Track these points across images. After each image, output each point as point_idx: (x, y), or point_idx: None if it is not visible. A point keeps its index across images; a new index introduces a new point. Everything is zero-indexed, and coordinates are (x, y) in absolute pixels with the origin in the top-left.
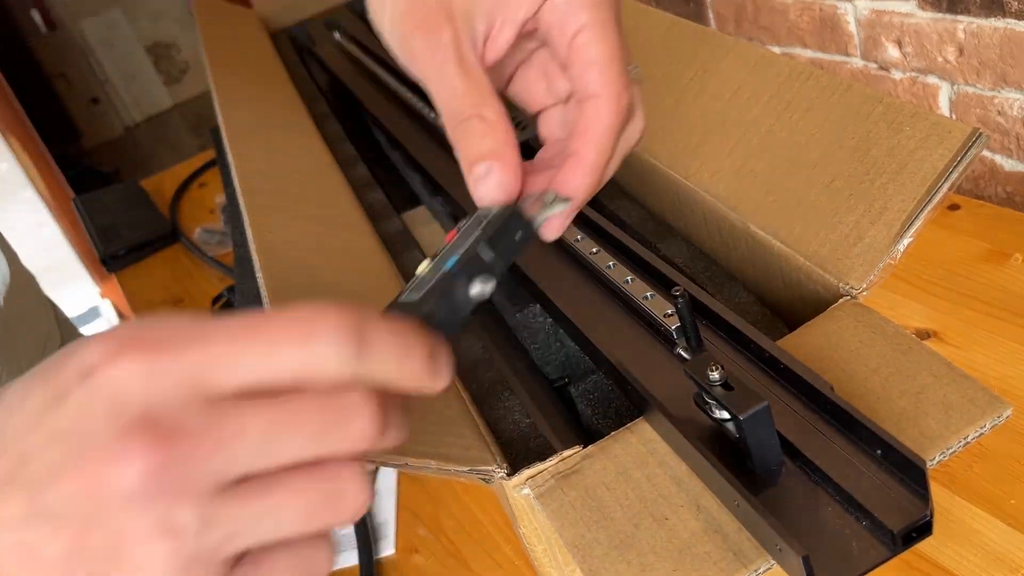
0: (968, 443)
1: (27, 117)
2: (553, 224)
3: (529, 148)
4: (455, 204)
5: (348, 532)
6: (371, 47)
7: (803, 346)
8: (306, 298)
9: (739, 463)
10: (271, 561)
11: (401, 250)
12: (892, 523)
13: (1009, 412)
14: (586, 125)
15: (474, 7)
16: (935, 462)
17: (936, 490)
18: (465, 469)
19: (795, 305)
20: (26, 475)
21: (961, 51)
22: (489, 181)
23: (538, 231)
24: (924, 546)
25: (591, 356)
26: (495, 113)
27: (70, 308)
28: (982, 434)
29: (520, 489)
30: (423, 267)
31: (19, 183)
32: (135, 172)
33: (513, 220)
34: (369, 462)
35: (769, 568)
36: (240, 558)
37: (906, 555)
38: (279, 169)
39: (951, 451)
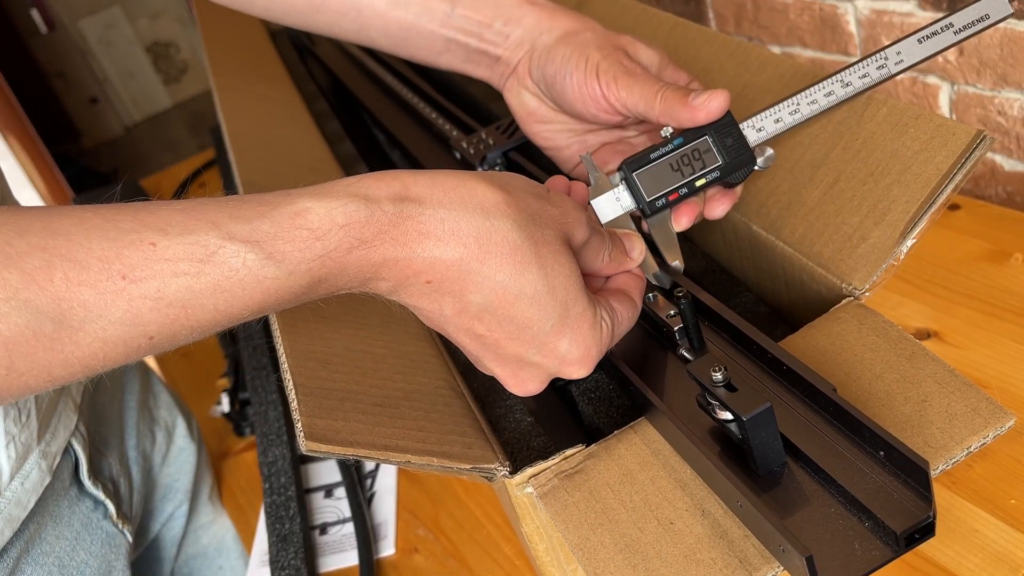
0: (971, 452)
1: (26, 117)
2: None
3: None
4: None
5: (348, 532)
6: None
7: (806, 347)
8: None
9: (742, 464)
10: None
11: None
12: (895, 524)
13: (1012, 422)
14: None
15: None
16: (938, 471)
17: (936, 490)
18: (467, 467)
19: (797, 306)
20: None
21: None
22: (712, 101)
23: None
24: (924, 546)
25: None
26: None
27: None
28: (985, 444)
29: (523, 488)
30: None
31: (19, 183)
32: (134, 172)
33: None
34: (372, 460)
35: None
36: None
37: (906, 555)
38: (280, 168)
39: (954, 460)
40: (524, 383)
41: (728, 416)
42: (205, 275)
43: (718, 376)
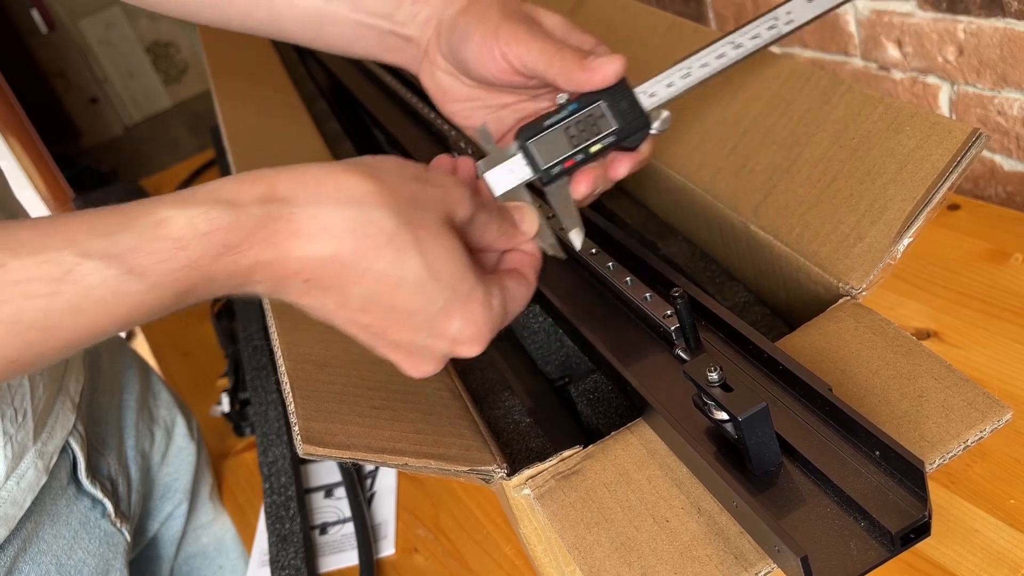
0: (968, 447)
1: (26, 117)
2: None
3: None
4: None
5: (348, 532)
6: None
7: (803, 347)
8: None
9: (738, 464)
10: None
11: None
12: (890, 524)
13: (1009, 416)
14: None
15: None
16: (935, 466)
17: (935, 490)
18: (465, 469)
19: (795, 305)
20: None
21: (961, 51)
22: (608, 66)
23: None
24: (923, 546)
25: (590, 356)
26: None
27: None
28: (982, 438)
29: (520, 489)
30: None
31: (19, 183)
32: (134, 172)
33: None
34: (369, 463)
35: (770, 572)
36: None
37: (905, 554)
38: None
39: (951, 455)
40: (418, 366)
41: (724, 416)
42: (62, 295)
43: (714, 376)
